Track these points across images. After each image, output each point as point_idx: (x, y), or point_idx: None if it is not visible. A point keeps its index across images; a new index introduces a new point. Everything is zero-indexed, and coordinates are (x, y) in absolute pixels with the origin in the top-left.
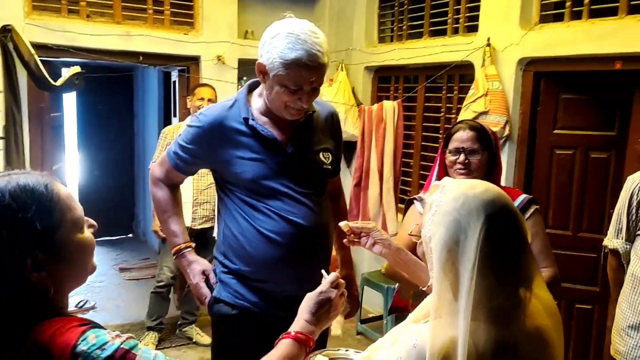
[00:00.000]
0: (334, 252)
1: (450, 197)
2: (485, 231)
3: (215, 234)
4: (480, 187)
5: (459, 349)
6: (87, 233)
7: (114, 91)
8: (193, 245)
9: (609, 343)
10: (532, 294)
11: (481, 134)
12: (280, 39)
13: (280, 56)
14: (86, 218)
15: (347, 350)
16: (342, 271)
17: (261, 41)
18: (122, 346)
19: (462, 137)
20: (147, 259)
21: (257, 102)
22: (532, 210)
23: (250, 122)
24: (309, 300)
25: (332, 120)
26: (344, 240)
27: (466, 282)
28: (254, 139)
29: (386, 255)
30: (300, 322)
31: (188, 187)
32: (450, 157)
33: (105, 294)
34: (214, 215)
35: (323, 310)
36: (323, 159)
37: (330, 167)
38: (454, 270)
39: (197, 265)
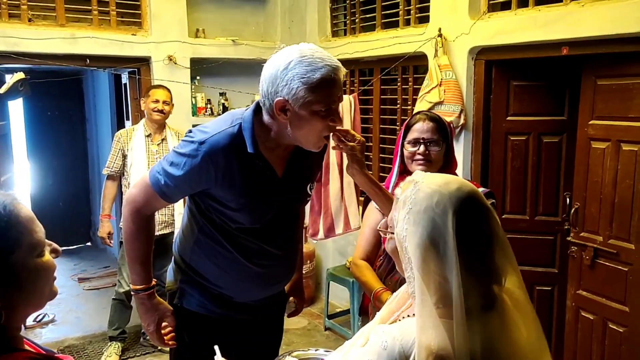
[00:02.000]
0: None
1: (424, 194)
2: (460, 230)
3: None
4: (455, 184)
5: (461, 355)
6: (47, 257)
7: (63, 96)
8: (155, 286)
9: (570, 322)
10: (505, 292)
11: (440, 125)
12: (297, 65)
13: (304, 82)
14: (49, 242)
15: (316, 350)
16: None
17: (268, 80)
18: None
19: (422, 127)
20: (107, 267)
21: (264, 131)
22: (489, 203)
23: (256, 160)
24: None
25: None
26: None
27: (456, 285)
28: (252, 170)
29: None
30: None
31: None
32: (409, 148)
33: (64, 306)
34: (173, 220)
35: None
36: (308, 190)
37: (310, 194)
38: (433, 269)
39: (154, 314)
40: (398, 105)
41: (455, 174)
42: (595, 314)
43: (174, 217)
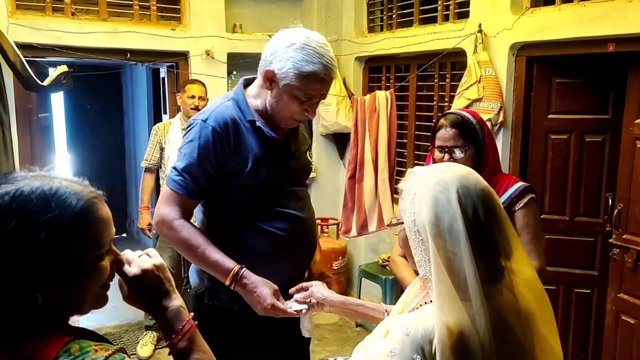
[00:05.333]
0: None
1: (425, 178)
2: (462, 204)
3: None
4: (452, 166)
5: (470, 331)
6: (106, 263)
7: (102, 90)
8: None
9: (609, 326)
10: (513, 269)
11: (463, 129)
12: (297, 50)
13: (295, 67)
14: (117, 251)
15: (335, 359)
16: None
17: (270, 48)
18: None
19: (443, 135)
20: None
21: (254, 102)
22: (527, 199)
23: (257, 124)
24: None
25: (308, 120)
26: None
27: (465, 257)
28: (259, 141)
29: (334, 311)
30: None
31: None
32: (437, 154)
33: None
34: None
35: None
36: (309, 157)
37: (311, 161)
38: (442, 246)
39: (265, 287)
40: (434, 102)
41: (497, 172)
42: (637, 318)
43: None
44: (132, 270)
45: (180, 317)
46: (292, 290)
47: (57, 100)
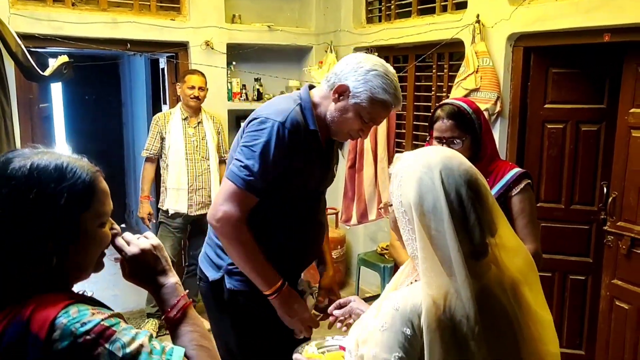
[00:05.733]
0: None
1: (411, 161)
2: (446, 184)
3: None
4: (437, 149)
5: (455, 305)
6: (107, 230)
7: (101, 81)
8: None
9: (603, 312)
10: (498, 243)
11: (460, 120)
12: (376, 77)
13: (372, 92)
14: (113, 221)
15: (333, 338)
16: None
17: (347, 65)
18: (102, 322)
19: (441, 127)
20: None
21: (313, 109)
22: (523, 184)
23: (315, 135)
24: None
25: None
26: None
27: (448, 234)
28: (312, 149)
29: None
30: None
31: (183, 173)
32: (435, 144)
33: (102, 284)
34: (210, 201)
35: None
36: (334, 170)
37: (334, 174)
38: (426, 224)
39: (301, 302)
40: (433, 92)
41: (495, 159)
42: (630, 304)
43: (210, 197)
44: (131, 249)
45: (175, 292)
46: (330, 308)
47: (56, 91)
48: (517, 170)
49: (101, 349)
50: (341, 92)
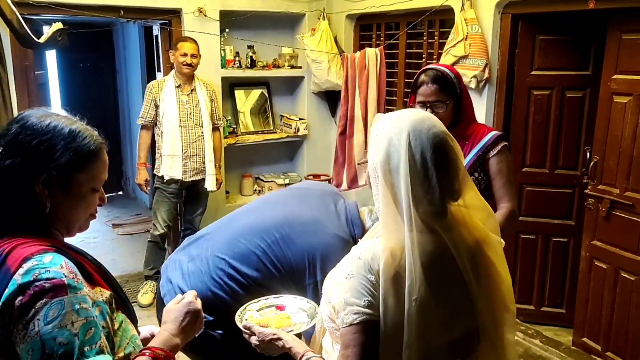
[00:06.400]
0: None
1: (386, 122)
2: (412, 146)
3: (206, 186)
4: (413, 111)
5: (407, 257)
6: (96, 197)
7: (94, 48)
8: None
9: (583, 271)
10: (466, 205)
11: (444, 84)
12: None
13: None
14: (103, 191)
15: (267, 299)
16: None
17: None
18: (63, 279)
19: (425, 91)
20: (138, 215)
21: None
22: (500, 146)
23: None
24: (174, 312)
25: None
26: None
27: (403, 191)
28: None
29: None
30: (162, 336)
31: (177, 140)
32: (417, 108)
33: (100, 249)
34: (204, 167)
35: (190, 321)
36: None
37: None
38: (389, 182)
39: None
40: (423, 60)
41: (473, 123)
42: (608, 264)
43: (205, 164)
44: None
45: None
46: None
47: (51, 58)
48: (494, 133)
49: (43, 301)
50: None
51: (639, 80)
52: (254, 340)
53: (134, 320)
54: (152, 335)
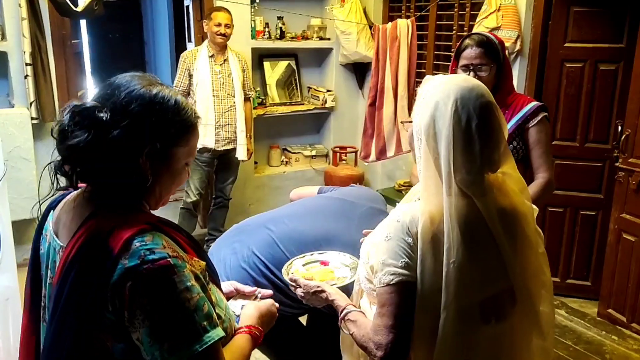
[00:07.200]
0: None
1: (434, 84)
2: (454, 111)
3: (237, 155)
4: (462, 77)
5: (445, 221)
6: (186, 172)
7: (123, 19)
8: None
9: (611, 244)
10: (503, 175)
11: (488, 48)
12: None
13: None
14: (189, 168)
15: (312, 255)
16: None
17: None
18: (168, 258)
19: (469, 54)
20: None
21: None
22: (540, 116)
23: None
24: (259, 307)
25: None
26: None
27: (444, 157)
28: None
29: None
30: (253, 320)
31: (210, 109)
32: (461, 73)
33: None
34: (236, 137)
35: (268, 320)
36: None
37: None
38: (432, 146)
39: None
40: (454, 32)
41: (512, 91)
42: (636, 236)
43: (237, 134)
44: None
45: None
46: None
47: (82, 28)
48: (534, 103)
49: (154, 284)
50: None
51: None
52: (299, 292)
53: (220, 290)
54: (237, 290)
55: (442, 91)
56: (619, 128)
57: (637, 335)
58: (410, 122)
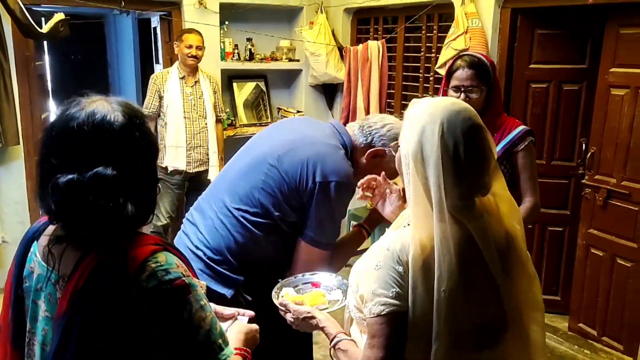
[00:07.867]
0: None
1: (421, 108)
2: (441, 136)
3: (210, 177)
4: (449, 100)
5: (436, 248)
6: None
7: (86, 42)
8: None
9: (580, 259)
10: (492, 194)
11: (480, 70)
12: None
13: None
14: None
15: (303, 276)
16: None
17: (392, 131)
18: (183, 278)
19: (461, 75)
20: None
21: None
22: (527, 141)
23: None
24: (243, 328)
25: None
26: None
27: (433, 183)
28: None
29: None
30: (240, 343)
31: (181, 131)
32: (452, 94)
33: None
34: (208, 159)
35: (252, 343)
36: None
37: None
38: (421, 172)
39: None
40: (422, 53)
41: (501, 113)
42: (605, 251)
43: (208, 155)
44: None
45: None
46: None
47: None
48: (522, 127)
49: (173, 304)
50: (377, 154)
51: (636, 73)
52: (289, 317)
53: None
54: (215, 313)
55: (429, 115)
56: (584, 146)
57: (609, 348)
58: (398, 147)
